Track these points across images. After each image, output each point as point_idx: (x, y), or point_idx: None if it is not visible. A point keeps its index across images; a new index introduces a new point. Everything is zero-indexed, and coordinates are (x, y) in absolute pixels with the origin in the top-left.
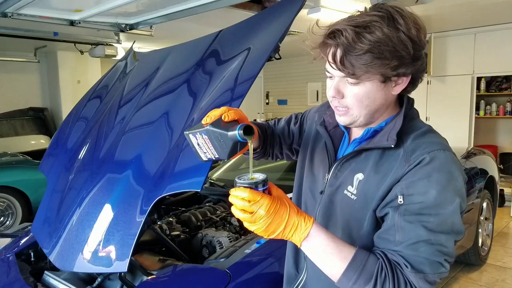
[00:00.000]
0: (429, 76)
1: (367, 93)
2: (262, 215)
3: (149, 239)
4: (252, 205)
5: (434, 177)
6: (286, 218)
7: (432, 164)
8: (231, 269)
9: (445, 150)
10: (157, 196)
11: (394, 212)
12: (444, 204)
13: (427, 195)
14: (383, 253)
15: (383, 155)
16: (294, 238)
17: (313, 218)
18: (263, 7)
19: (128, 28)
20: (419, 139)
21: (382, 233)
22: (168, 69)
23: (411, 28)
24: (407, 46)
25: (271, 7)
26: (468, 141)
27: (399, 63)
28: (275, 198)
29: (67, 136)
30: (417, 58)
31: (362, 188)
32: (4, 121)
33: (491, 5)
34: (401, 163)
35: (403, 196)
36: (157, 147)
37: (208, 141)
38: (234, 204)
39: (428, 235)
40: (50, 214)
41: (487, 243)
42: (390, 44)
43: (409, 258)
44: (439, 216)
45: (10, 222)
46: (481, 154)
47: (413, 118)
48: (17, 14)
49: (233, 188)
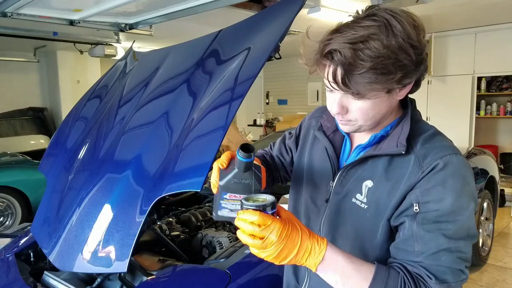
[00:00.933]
0: (429, 76)
1: (373, 106)
2: (273, 240)
3: (149, 239)
4: (263, 230)
5: (449, 183)
6: (299, 242)
7: (446, 170)
8: (231, 270)
9: (457, 154)
10: (157, 196)
11: (411, 221)
12: (460, 210)
13: (443, 202)
14: (402, 266)
15: (392, 161)
16: (309, 262)
17: (326, 240)
18: (263, 7)
19: (127, 28)
20: (428, 143)
21: (400, 244)
22: (168, 69)
23: (410, 32)
24: (409, 54)
25: (271, 6)
26: (469, 141)
27: (403, 73)
28: (286, 222)
29: (66, 136)
30: (420, 62)
31: (372, 196)
32: (3, 121)
33: (491, 5)
34: (413, 169)
35: (418, 204)
36: (157, 147)
37: (235, 195)
38: (241, 228)
39: (448, 243)
40: (50, 214)
41: (488, 243)
42: (392, 56)
43: (431, 268)
44: (457, 223)
45: (10, 222)
46: (482, 154)
47: (418, 120)
48: (16, 14)
49: (241, 211)
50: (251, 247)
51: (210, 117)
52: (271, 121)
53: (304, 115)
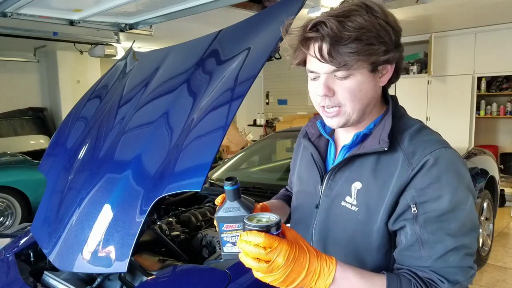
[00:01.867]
0: (429, 76)
1: (359, 85)
2: (280, 264)
3: (149, 239)
4: (269, 252)
5: (444, 180)
6: (307, 265)
7: (438, 166)
8: (231, 270)
9: (446, 147)
10: (157, 196)
11: (412, 224)
12: (460, 205)
13: (441, 200)
14: (413, 273)
15: (379, 159)
16: (318, 285)
17: (335, 259)
18: (263, 7)
19: (127, 28)
20: (416, 139)
21: (405, 250)
22: (168, 69)
23: (387, 14)
24: (389, 32)
25: (271, 6)
26: (469, 141)
27: (385, 48)
28: (293, 243)
29: (66, 136)
30: (399, 44)
31: (363, 197)
32: (3, 121)
33: (491, 5)
34: (403, 167)
35: (416, 205)
36: (157, 147)
37: (230, 225)
38: (245, 251)
39: (454, 242)
40: (50, 214)
41: (488, 243)
42: (374, 30)
43: (441, 272)
44: (459, 219)
45: (10, 222)
46: (482, 154)
47: (402, 115)
48: (16, 14)
49: (244, 232)
50: (256, 271)
51: (210, 117)
52: (271, 121)
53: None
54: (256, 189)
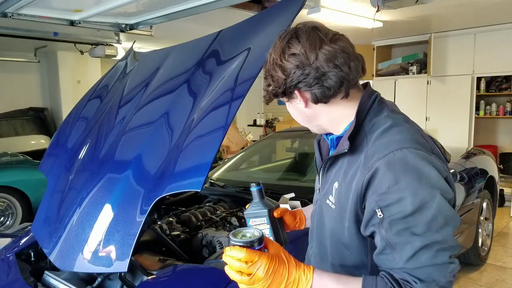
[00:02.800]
0: (429, 76)
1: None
2: (260, 276)
3: (149, 239)
4: (250, 266)
5: (403, 182)
6: (286, 276)
7: (393, 169)
8: None
9: (402, 148)
10: (157, 196)
11: (380, 229)
12: (424, 204)
13: (403, 203)
14: (389, 274)
15: (350, 161)
16: None
17: (313, 267)
18: (263, 7)
19: (128, 28)
20: (379, 140)
21: (380, 254)
22: (168, 69)
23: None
24: (275, 68)
25: (271, 7)
26: (468, 141)
27: (272, 85)
28: (273, 257)
29: (67, 136)
30: (289, 76)
31: (338, 197)
32: (4, 121)
33: (491, 5)
34: (362, 170)
35: (380, 209)
36: (157, 147)
37: (255, 220)
38: (229, 265)
39: (423, 241)
40: (50, 214)
41: (487, 243)
42: (269, 68)
43: (414, 272)
44: (426, 217)
45: (10, 222)
46: (481, 154)
47: (377, 114)
48: (17, 14)
49: (228, 247)
50: (239, 283)
51: (211, 117)
52: (271, 121)
53: None
54: None
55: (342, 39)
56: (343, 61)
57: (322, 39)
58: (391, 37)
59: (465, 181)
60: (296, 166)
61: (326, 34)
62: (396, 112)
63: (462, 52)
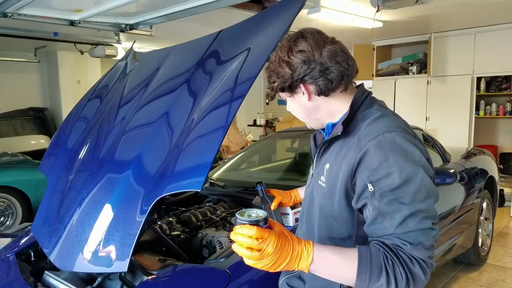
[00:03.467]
0: (429, 76)
1: (290, 105)
2: (270, 252)
3: (149, 239)
4: (261, 243)
5: (392, 159)
6: (291, 250)
7: (383, 148)
8: (231, 269)
9: (391, 131)
10: (157, 196)
11: (371, 200)
12: (410, 178)
13: (392, 177)
14: (380, 242)
15: (342, 143)
16: (301, 266)
17: (312, 242)
18: (263, 7)
19: (128, 28)
20: (370, 125)
21: (371, 224)
22: (168, 69)
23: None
24: (281, 65)
25: (271, 7)
26: (468, 141)
27: (279, 81)
28: (279, 234)
29: (67, 136)
30: (296, 71)
31: (328, 176)
32: (4, 121)
33: (491, 5)
34: (354, 150)
35: (371, 183)
36: (157, 147)
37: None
38: (239, 242)
39: (410, 209)
40: (50, 214)
41: (487, 243)
42: (273, 65)
43: (404, 236)
44: (411, 189)
45: (10, 222)
46: (481, 154)
47: (368, 107)
48: (17, 14)
49: (238, 226)
50: (248, 258)
51: (211, 117)
52: (271, 121)
53: None
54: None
55: (339, 42)
56: (343, 59)
57: (325, 40)
58: (391, 37)
59: (465, 181)
60: (296, 166)
61: (327, 37)
62: (384, 108)
63: (462, 52)
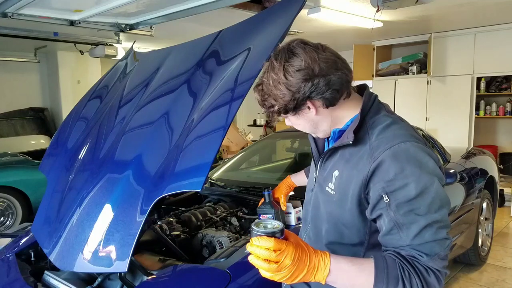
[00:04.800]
0: (429, 76)
1: (296, 121)
2: (288, 264)
3: (149, 239)
4: (279, 255)
5: (408, 170)
6: (308, 262)
7: (399, 159)
8: (231, 269)
9: (406, 141)
10: (157, 196)
11: (387, 211)
12: (425, 189)
13: (408, 188)
14: (396, 253)
15: (352, 151)
16: (318, 277)
17: (328, 252)
18: (263, 7)
19: (128, 28)
20: (382, 134)
21: (386, 235)
22: (168, 69)
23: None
24: (278, 89)
25: (271, 7)
26: (468, 141)
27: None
28: (296, 245)
29: (67, 136)
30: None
31: (338, 183)
32: (4, 121)
33: (491, 5)
34: (367, 159)
35: (387, 194)
36: (157, 147)
37: (263, 216)
38: (256, 254)
39: (426, 220)
40: (50, 214)
41: (487, 243)
42: (268, 91)
43: (420, 248)
44: (426, 200)
45: (10, 222)
46: (481, 154)
47: (377, 111)
48: (17, 14)
49: (255, 238)
50: (265, 271)
51: (211, 117)
52: (271, 121)
53: None
54: (256, 189)
55: (328, 47)
56: (341, 65)
57: (315, 49)
58: (391, 37)
59: (465, 181)
60: (296, 166)
61: (316, 46)
62: (391, 113)
63: (462, 52)
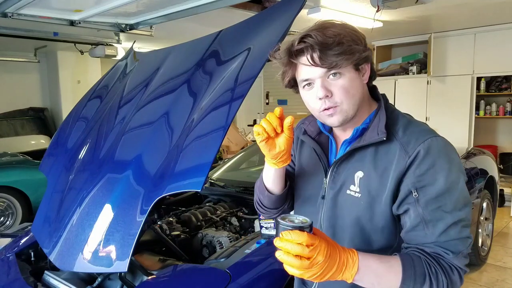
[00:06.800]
0: (429, 76)
1: (350, 82)
2: (320, 260)
3: (149, 239)
4: (311, 250)
5: (438, 165)
6: (337, 259)
7: (431, 154)
8: (231, 269)
9: (436, 136)
10: (157, 196)
11: (415, 207)
12: (453, 184)
13: (437, 183)
14: (421, 250)
15: (378, 150)
16: (345, 275)
17: (355, 250)
18: (263, 7)
19: (128, 28)
20: (409, 130)
21: (411, 231)
22: (168, 69)
23: (355, 28)
24: (358, 36)
25: (271, 7)
26: (468, 141)
27: (361, 48)
28: (328, 241)
29: (67, 136)
30: (366, 47)
31: (364, 185)
32: (4, 121)
33: (491, 5)
34: (401, 155)
35: (416, 189)
36: (157, 147)
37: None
38: (286, 249)
39: (452, 218)
40: (51, 214)
41: (487, 243)
42: (348, 35)
43: (445, 245)
44: (453, 197)
45: (10, 222)
46: (481, 154)
47: (393, 110)
48: (17, 14)
49: (286, 232)
50: (296, 268)
51: (211, 117)
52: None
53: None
54: None
55: None
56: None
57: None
58: (391, 37)
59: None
60: None
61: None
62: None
63: (462, 52)
